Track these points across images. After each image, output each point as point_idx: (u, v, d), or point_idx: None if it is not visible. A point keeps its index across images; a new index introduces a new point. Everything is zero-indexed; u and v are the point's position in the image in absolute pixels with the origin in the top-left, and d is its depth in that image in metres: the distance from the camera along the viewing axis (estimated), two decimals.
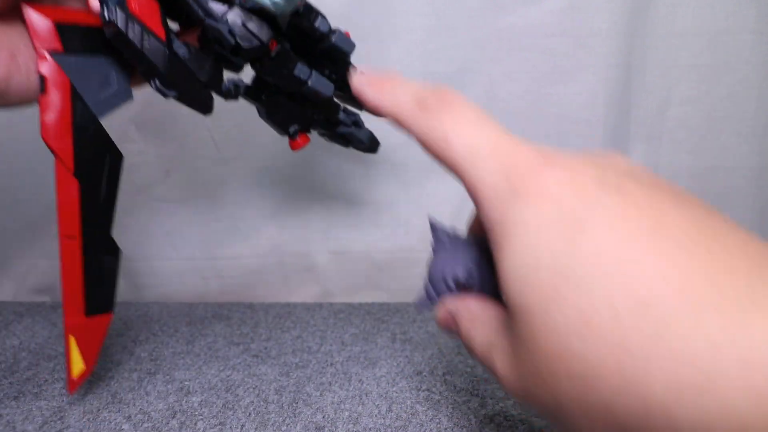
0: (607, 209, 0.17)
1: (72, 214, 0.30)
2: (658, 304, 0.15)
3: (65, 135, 0.29)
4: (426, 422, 0.32)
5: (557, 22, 0.48)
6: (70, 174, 0.29)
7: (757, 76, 0.49)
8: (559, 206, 0.18)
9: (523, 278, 0.18)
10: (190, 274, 0.55)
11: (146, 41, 0.29)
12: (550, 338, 0.17)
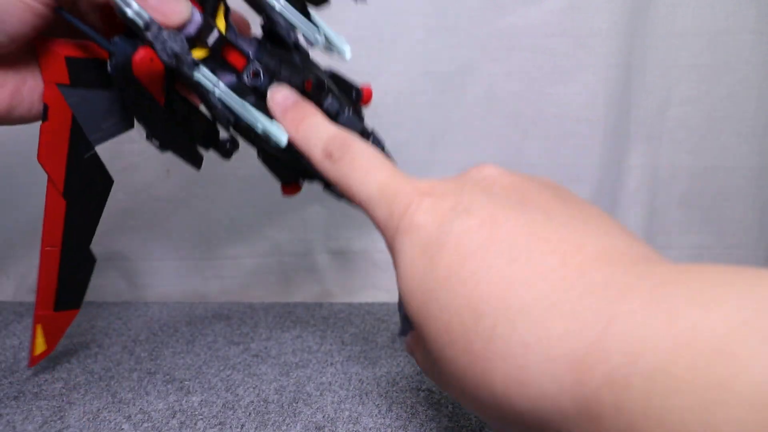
0: (456, 231, 0.20)
1: (55, 229, 0.32)
2: (488, 312, 0.18)
3: (59, 160, 0.30)
4: (426, 422, 0.32)
5: (557, 22, 0.48)
6: (59, 195, 0.31)
7: (757, 76, 0.49)
8: (423, 235, 0.21)
9: (408, 301, 0.21)
10: (190, 274, 0.55)
11: (145, 102, 0.29)
12: (433, 349, 0.20)
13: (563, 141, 0.50)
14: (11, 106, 0.29)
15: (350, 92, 0.35)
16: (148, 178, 0.51)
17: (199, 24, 0.28)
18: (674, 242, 0.54)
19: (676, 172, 0.52)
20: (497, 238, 0.20)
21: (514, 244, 0.19)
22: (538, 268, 0.18)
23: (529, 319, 0.17)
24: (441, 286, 0.20)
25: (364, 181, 0.24)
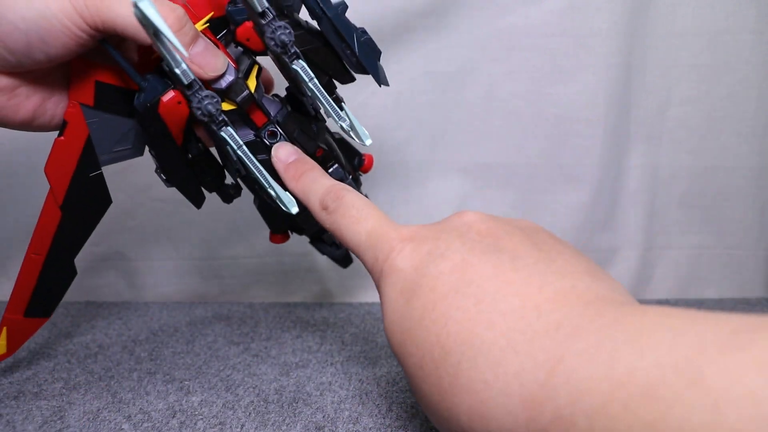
0: (431, 274, 0.22)
1: (44, 238, 0.33)
2: (454, 350, 0.20)
3: (65, 175, 0.31)
4: (426, 422, 0.32)
5: (557, 22, 0.48)
6: (57, 206, 0.32)
7: (757, 76, 0.49)
8: (402, 277, 0.23)
9: (390, 339, 0.23)
10: (190, 274, 0.55)
11: (162, 140, 0.31)
12: (411, 384, 0.22)
13: (563, 141, 0.50)
14: (34, 117, 0.30)
15: (353, 158, 0.37)
16: (148, 178, 0.51)
17: (231, 81, 0.29)
18: (674, 242, 0.54)
19: (676, 172, 0.52)
20: (467, 280, 0.21)
21: (481, 287, 0.21)
22: (501, 309, 0.20)
23: (489, 358, 0.19)
24: (416, 325, 0.22)
25: (354, 230, 0.26)
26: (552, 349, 0.17)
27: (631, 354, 0.15)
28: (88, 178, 0.32)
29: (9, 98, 0.29)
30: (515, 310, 0.19)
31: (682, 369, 0.14)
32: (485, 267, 0.21)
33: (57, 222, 0.32)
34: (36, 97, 0.30)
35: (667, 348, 0.15)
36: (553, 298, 0.19)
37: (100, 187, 0.33)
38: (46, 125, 0.32)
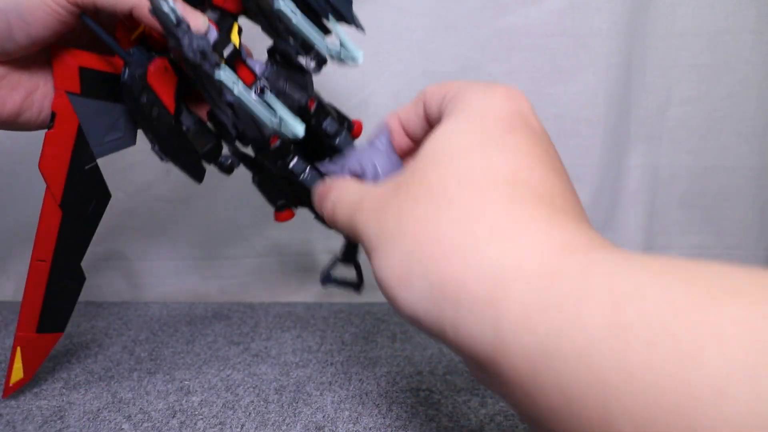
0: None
1: (48, 241, 0.31)
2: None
3: (60, 169, 0.31)
4: (426, 422, 0.32)
5: (557, 22, 0.48)
6: (56, 204, 0.31)
7: (757, 76, 0.49)
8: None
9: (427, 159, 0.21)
10: (190, 274, 0.55)
11: (155, 110, 0.30)
12: (439, 175, 0.20)
13: (563, 141, 0.50)
14: (21, 110, 0.30)
15: (343, 123, 0.36)
16: (148, 178, 0.51)
17: (215, 39, 0.29)
18: (674, 242, 0.54)
19: (676, 172, 0.52)
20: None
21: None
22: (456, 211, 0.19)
23: (453, 257, 0.18)
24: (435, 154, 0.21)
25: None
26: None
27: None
28: (84, 172, 0.31)
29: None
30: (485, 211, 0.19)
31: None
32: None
33: (58, 222, 0.31)
34: (22, 89, 0.29)
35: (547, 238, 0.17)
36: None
37: (97, 180, 0.32)
38: (34, 120, 0.31)
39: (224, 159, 0.34)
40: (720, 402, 0.11)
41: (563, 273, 0.15)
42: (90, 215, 0.33)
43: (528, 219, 0.18)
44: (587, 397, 0.14)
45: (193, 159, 0.33)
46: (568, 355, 0.14)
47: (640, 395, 0.12)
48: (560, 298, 0.15)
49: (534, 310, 0.15)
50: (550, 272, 0.16)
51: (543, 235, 0.17)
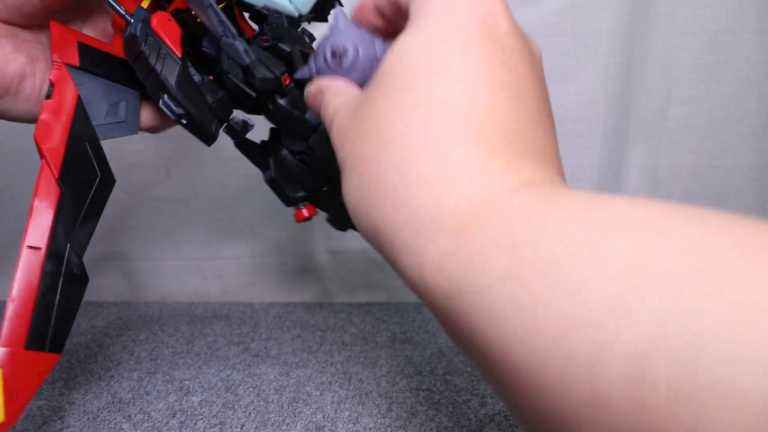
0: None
1: (42, 224, 0.26)
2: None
3: (59, 139, 0.27)
4: (426, 422, 0.32)
5: (557, 22, 0.48)
6: (53, 180, 0.26)
7: (757, 76, 0.49)
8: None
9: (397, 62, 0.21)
10: (190, 274, 0.55)
11: (161, 55, 0.29)
12: (387, 107, 0.20)
13: (563, 141, 0.50)
14: (24, 75, 0.29)
15: None
16: (148, 178, 0.52)
17: None
18: None
19: (676, 172, 0.52)
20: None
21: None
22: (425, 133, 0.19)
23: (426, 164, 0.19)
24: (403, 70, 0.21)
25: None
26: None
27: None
28: (85, 147, 0.28)
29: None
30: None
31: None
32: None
33: (56, 200, 0.26)
34: (23, 53, 0.29)
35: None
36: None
37: (100, 159, 0.29)
38: (36, 94, 0.29)
39: (236, 120, 0.32)
40: (594, 328, 0.12)
41: (478, 221, 0.16)
42: (93, 198, 0.28)
43: (457, 164, 0.18)
44: (488, 330, 0.15)
45: (204, 111, 0.30)
46: (473, 294, 0.15)
47: (529, 326, 0.13)
48: (470, 244, 0.16)
49: (448, 256, 0.16)
50: (467, 222, 0.17)
51: (467, 184, 0.18)
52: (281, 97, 0.30)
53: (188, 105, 0.29)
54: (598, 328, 0.12)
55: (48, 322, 0.25)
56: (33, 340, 0.25)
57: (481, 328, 0.15)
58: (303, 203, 0.35)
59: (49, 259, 0.26)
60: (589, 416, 0.12)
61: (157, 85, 0.29)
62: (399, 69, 0.20)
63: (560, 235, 0.14)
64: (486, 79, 0.19)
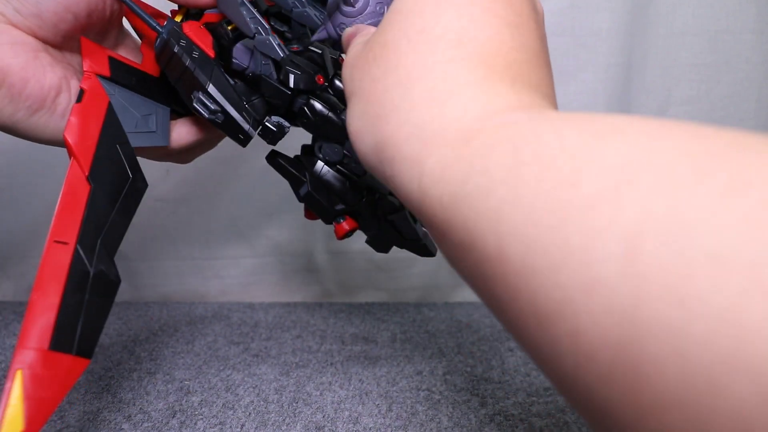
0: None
1: (72, 218, 0.24)
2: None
3: (89, 138, 0.26)
4: (426, 422, 0.32)
5: (557, 22, 0.48)
6: (83, 176, 0.25)
7: (758, 76, 0.49)
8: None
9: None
10: (190, 274, 0.55)
11: (194, 55, 0.28)
12: (394, 34, 0.21)
13: None
14: (60, 87, 0.29)
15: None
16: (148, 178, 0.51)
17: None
18: None
19: None
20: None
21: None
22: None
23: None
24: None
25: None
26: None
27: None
28: (116, 149, 0.27)
29: (34, 56, 0.28)
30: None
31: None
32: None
33: (86, 197, 0.25)
34: (59, 68, 0.29)
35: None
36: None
37: (131, 161, 0.28)
38: (69, 108, 0.29)
39: (273, 120, 0.31)
40: (589, 215, 0.13)
41: (480, 132, 0.17)
42: (124, 200, 0.27)
43: (462, 83, 0.19)
44: (486, 231, 0.15)
45: (240, 109, 0.29)
46: (472, 197, 0.16)
47: (526, 220, 0.14)
48: (472, 151, 0.17)
49: (449, 165, 0.17)
50: (469, 134, 0.17)
51: (470, 101, 0.18)
52: (316, 98, 0.30)
53: (223, 100, 0.29)
54: (593, 214, 0.13)
55: (76, 322, 0.23)
56: (58, 340, 0.22)
57: (479, 230, 0.15)
58: (343, 217, 0.34)
59: (78, 255, 0.24)
60: (583, 299, 0.12)
61: (191, 83, 0.29)
62: (408, 3, 0.21)
63: (558, 138, 0.15)
64: (493, 15, 0.20)
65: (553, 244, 0.13)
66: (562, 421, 0.32)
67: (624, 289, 0.12)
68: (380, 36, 0.21)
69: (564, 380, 0.14)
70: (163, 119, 0.31)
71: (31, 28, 0.28)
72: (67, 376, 0.22)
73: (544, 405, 0.34)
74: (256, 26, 0.28)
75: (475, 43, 0.19)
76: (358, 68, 0.22)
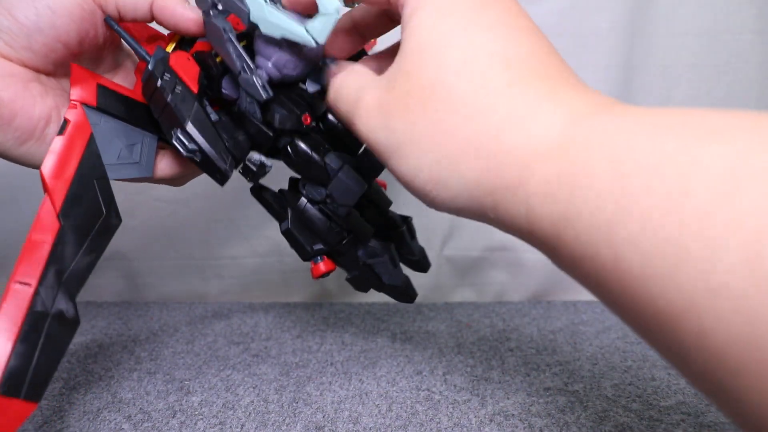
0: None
1: (36, 258, 0.25)
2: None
3: (65, 174, 0.26)
4: (426, 422, 0.32)
5: (557, 22, 0.48)
6: (54, 214, 0.26)
7: (757, 76, 0.49)
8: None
9: (425, 36, 0.21)
10: (190, 274, 0.55)
11: (177, 91, 0.28)
12: (436, 71, 0.21)
13: None
14: (49, 118, 0.29)
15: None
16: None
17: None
18: None
19: None
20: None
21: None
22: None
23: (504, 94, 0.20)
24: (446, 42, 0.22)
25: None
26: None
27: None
28: (92, 184, 0.27)
29: (24, 87, 0.28)
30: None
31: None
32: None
33: (54, 236, 0.25)
34: (49, 99, 0.29)
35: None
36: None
37: (107, 197, 0.28)
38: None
39: (253, 160, 0.31)
40: (706, 224, 0.13)
41: (572, 144, 0.17)
42: (94, 237, 0.27)
43: (533, 101, 0.19)
44: (599, 243, 0.16)
45: (218, 149, 0.29)
46: (582, 212, 0.16)
47: (641, 230, 0.14)
48: (572, 166, 0.17)
49: (553, 182, 0.17)
50: (561, 146, 0.18)
51: (550, 114, 0.19)
52: (301, 138, 0.30)
53: (201, 140, 0.28)
54: (710, 223, 0.13)
55: (27, 366, 0.23)
56: (10, 384, 0.23)
57: (592, 243, 0.16)
58: (321, 257, 0.34)
59: (38, 297, 0.24)
60: (708, 303, 0.13)
61: (171, 120, 0.28)
62: (429, 35, 0.21)
63: (655, 144, 0.15)
64: (517, 28, 0.21)
65: (673, 254, 0.14)
66: (562, 421, 0.32)
67: (751, 291, 0.12)
68: (414, 79, 0.21)
69: (694, 374, 0.15)
70: (149, 149, 0.31)
71: (22, 59, 0.28)
72: (13, 419, 0.23)
73: (544, 405, 0.34)
74: (242, 64, 0.27)
75: (522, 62, 0.20)
76: (396, 117, 0.21)
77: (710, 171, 0.14)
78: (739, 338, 0.13)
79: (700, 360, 0.14)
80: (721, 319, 0.13)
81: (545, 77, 0.20)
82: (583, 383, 0.37)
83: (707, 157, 0.14)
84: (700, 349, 0.14)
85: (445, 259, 0.54)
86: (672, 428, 0.31)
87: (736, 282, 0.12)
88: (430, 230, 0.52)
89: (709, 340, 0.13)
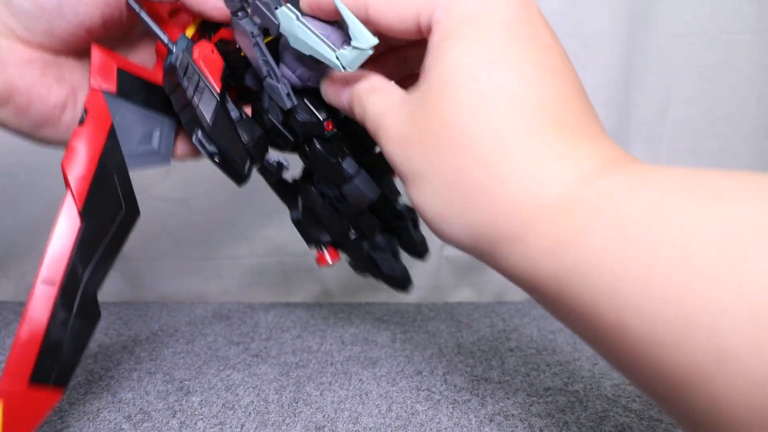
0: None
1: (60, 257, 0.26)
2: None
3: (86, 169, 0.27)
4: (426, 422, 0.32)
5: (557, 22, 0.47)
6: (76, 211, 0.26)
7: (758, 76, 0.49)
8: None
9: (455, 68, 0.21)
10: (190, 274, 0.55)
11: (199, 89, 0.28)
12: (454, 108, 0.20)
13: None
14: (66, 103, 0.29)
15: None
16: (148, 178, 0.51)
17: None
18: None
19: None
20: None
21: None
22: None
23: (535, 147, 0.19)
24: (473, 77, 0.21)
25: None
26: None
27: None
28: (112, 178, 0.27)
29: (41, 74, 0.28)
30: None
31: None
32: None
33: (77, 234, 0.26)
34: (66, 84, 0.29)
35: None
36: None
37: (127, 191, 0.28)
38: (75, 124, 0.29)
39: (271, 159, 0.31)
40: (711, 290, 0.13)
41: (577, 203, 0.17)
42: (114, 234, 0.27)
43: (545, 153, 0.19)
44: (601, 303, 0.16)
45: (238, 152, 0.29)
46: (584, 272, 0.16)
47: (644, 294, 0.14)
48: (575, 226, 0.17)
49: (555, 240, 0.17)
50: (566, 205, 0.18)
51: (558, 171, 0.18)
52: (321, 142, 0.30)
53: (222, 144, 0.28)
54: (715, 289, 0.13)
55: (55, 358, 0.26)
56: (38, 373, 0.25)
57: (593, 302, 0.16)
58: (326, 246, 0.34)
59: (63, 296, 0.26)
60: (716, 368, 0.13)
61: (193, 119, 0.28)
62: (453, 68, 0.20)
63: (660, 208, 0.15)
64: (543, 67, 0.20)
65: (678, 318, 0.14)
66: (562, 421, 0.32)
67: (758, 355, 0.12)
68: (433, 113, 0.21)
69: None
70: (168, 133, 0.31)
71: (42, 43, 0.27)
72: (43, 405, 0.26)
73: (544, 405, 0.34)
74: (268, 69, 0.27)
75: (541, 106, 0.19)
76: (414, 147, 0.22)
77: (713, 235, 0.14)
78: (751, 403, 0.13)
79: (710, 423, 0.14)
80: (731, 385, 0.13)
81: (563, 126, 0.19)
82: (583, 383, 0.37)
83: (709, 219, 0.14)
84: (712, 412, 0.14)
85: (445, 259, 0.54)
86: (672, 428, 0.31)
87: (741, 347, 0.13)
88: None
89: (721, 405, 0.13)
